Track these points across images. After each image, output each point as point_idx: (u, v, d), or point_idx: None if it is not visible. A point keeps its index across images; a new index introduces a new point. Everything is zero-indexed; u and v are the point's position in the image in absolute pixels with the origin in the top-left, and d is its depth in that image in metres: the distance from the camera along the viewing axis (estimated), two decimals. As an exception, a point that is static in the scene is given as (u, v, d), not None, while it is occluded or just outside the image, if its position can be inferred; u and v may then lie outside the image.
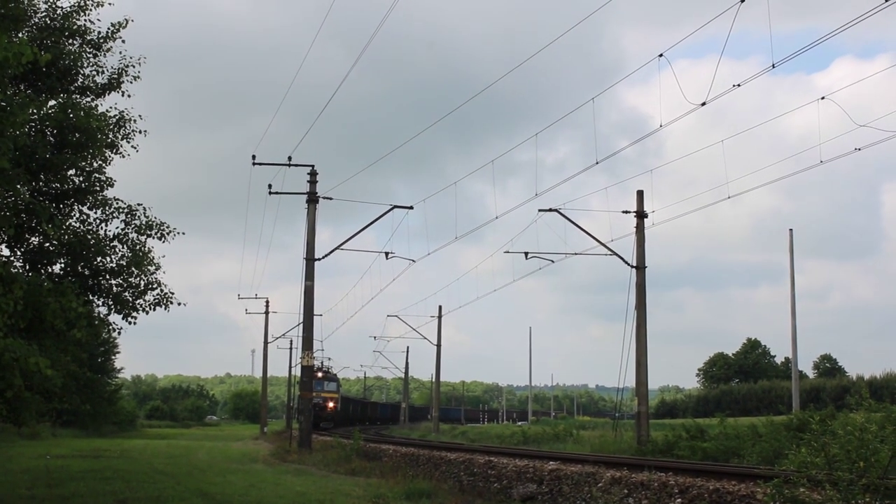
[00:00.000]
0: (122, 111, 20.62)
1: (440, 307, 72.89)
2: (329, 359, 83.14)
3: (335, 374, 75.11)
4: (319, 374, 66.46)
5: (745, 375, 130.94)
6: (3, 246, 18.87)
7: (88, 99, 20.41)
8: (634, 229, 33.32)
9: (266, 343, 77.37)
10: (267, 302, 75.55)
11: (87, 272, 19.92)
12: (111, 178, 20.67)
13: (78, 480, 20.04)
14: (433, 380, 79.99)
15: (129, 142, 20.83)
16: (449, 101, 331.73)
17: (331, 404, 69.78)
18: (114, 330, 21.29)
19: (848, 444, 11.16)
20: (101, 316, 20.58)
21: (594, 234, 33.94)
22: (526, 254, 35.28)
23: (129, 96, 20.98)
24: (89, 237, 19.78)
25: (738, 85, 19.87)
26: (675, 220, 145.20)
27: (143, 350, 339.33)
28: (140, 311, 20.52)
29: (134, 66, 20.78)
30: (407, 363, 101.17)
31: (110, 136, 20.09)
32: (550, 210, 33.20)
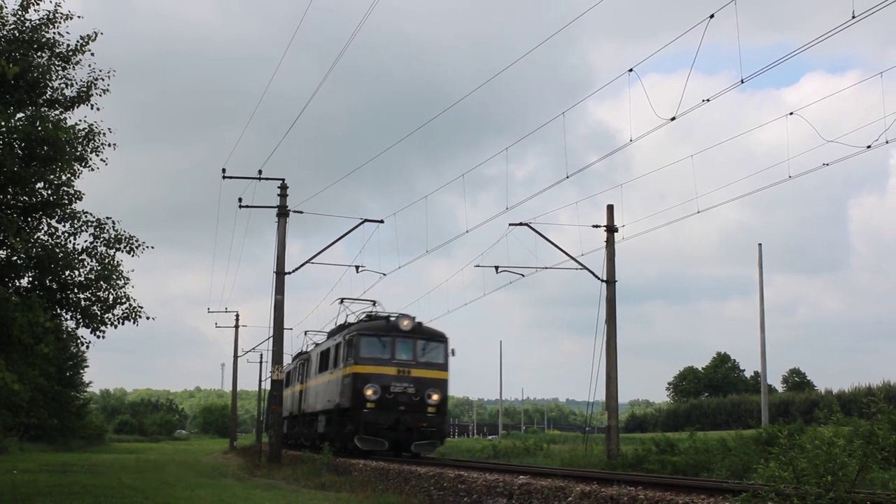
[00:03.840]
0: (92, 124, 20.51)
1: (411, 321, 72.20)
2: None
3: (442, 333, 32.90)
4: (406, 325, 31.65)
5: (714, 389, 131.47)
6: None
7: (57, 112, 20.30)
8: (605, 243, 33.38)
9: (236, 357, 77.04)
10: (237, 315, 75.25)
11: (54, 286, 19.80)
12: (80, 192, 20.57)
13: (45, 495, 19.84)
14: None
15: (98, 155, 20.72)
16: (419, 114, 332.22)
17: (434, 396, 31.28)
18: (82, 344, 21.15)
19: (816, 458, 11.21)
20: (69, 330, 20.45)
21: (565, 248, 33.79)
22: (496, 268, 35.18)
23: (98, 109, 20.87)
24: (57, 251, 19.66)
25: (708, 100, 19.99)
26: (645, 234, 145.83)
27: (112, 364, 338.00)
28: (108, 326, 20.40)
29: (103, 79, 20.69)
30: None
31: (79, 149, 19.98)
32: (521, 224, 33.23)
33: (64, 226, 20.29)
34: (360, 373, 30.60)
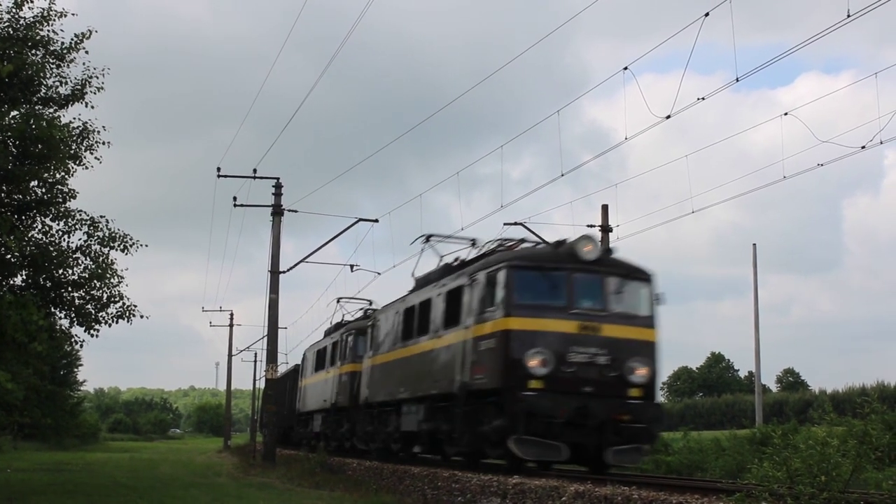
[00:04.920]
0: (86, 122, 20.49)
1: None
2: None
3: (642, 268, 19.80)
4: (588, 251, 19.02)
5: (708, 389, 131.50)
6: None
7: (51, 110, 20.28)
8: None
9: (230, 356, 77.01)
10: (231, 314, 75.19)
11: (48, 284, 19.78)
12: (74, 190, 20.55)
13: (39, 494, 19.83)
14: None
15: (92, 153, 20.70)
16: (414, 113, 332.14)
17: (640, 369, 18.57)
18: (76, 343, 21.13)
19: (810, 458, 11.23)
20: (63, 328, 20.43)
21: (559, 248, 33.29)
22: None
23: (92, 107, 20.84)
24: (51, 249, 19.64)
25: (703, 98, 19.95)
26: (640, 234, 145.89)
27: (106, 363, 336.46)
28: (102, 324, 20.38)
29: (97, 77, 20.66)
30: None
31: (73, 147, 19.96)
32: (516, 223, 33.18)
33: (58, 224, 20.28)
34: (518, 330, 18.41)
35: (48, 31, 19.97)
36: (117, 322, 20.64)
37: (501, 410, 18.32)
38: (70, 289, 20.02)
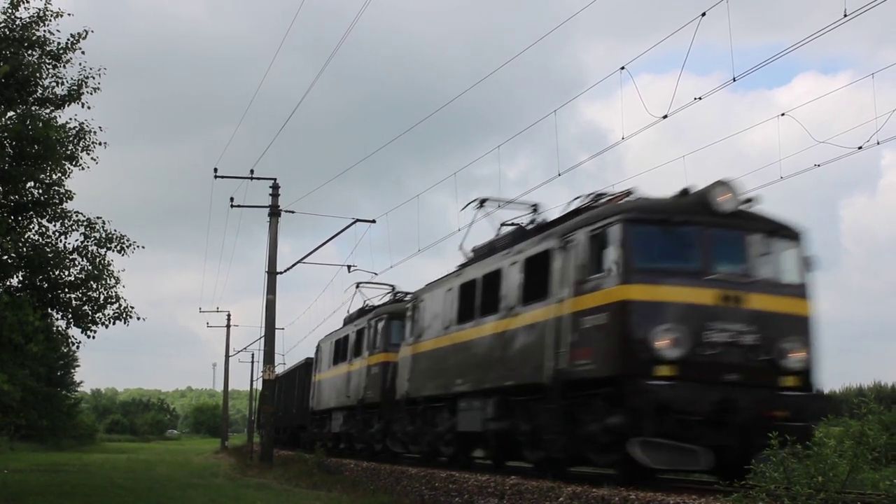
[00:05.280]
0: (82, 123, 20.44)
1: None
2: None
3: (788, 224, 15.61)
4: (726, 201, 14.85)
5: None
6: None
7: (48, 110, 20.23)
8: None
9: (227, 357, 76.99)
10: (228, 315, 75.17)
11: (45, 285, 19.74)
12: (70, 191, 20.50)
13: (36, 495, 19.81)
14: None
15: (88, 154, 20.64)
16: (411, 114, 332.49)
17: (796, 352, 14.44)
18: (72, 344, 21.09)
19: (806, 458, 11.25)
20: (60, 330, 20.39)
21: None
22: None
23: (88, 108, 20.78)
24: (48, 250, 19.61)
25: (700, 98, 19.91)
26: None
27: (103, 363, 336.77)
28: (99, 325, 20.34)
29: (94, 78, 20.60)
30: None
31: (70, 147, 19.92)
32: (512, 224, 33.18)
33: (54, 225, 20.24)
34: (640, 301, 14.55)
35: (44, 31, 19.92)
36: (114, 323, 20.59)
37: (619, 404, 14.31)
38: (67, 290, 19.98)
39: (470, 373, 19.94)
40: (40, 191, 19.95)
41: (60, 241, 20.23)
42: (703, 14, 17.83)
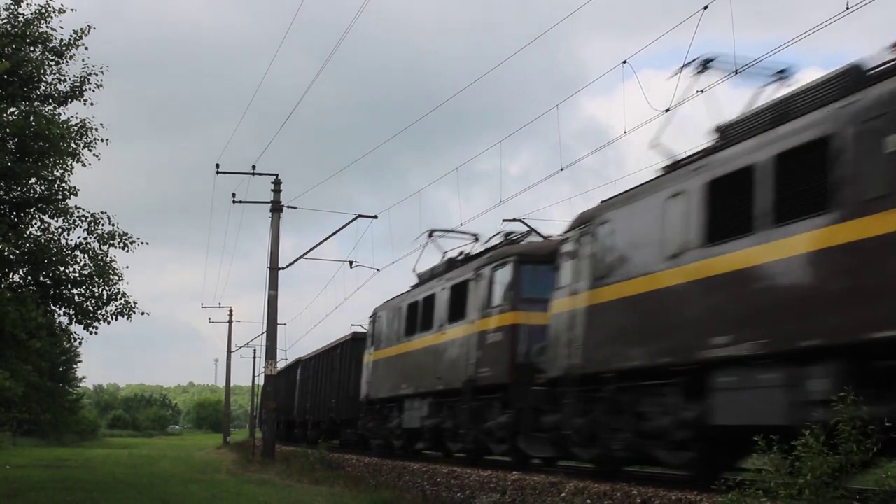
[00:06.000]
0: (85, 119, 20.42)
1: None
2: None
3: None
4: None
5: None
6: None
7: (50, 107, 20.23)
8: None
9: (229, 352, 76.96)
10: (230, 311, 75.21)
11: (48, 282, 19.75)
12: (74, 187, 20.49)
13: (38, 490, 19.84)
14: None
15: (90, 150, 20.64)
16: (413, 109, 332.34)
17: None
18: (75, 340, 21.11)
19: (805, 455, 11.26)
20: (62, 325, 20.40)
21: (559, 243, 33.19)
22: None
23: (91, 104, 20.77)
24: (51, 246, 19.61)
25: (702, 91, 19.93)
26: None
27: (105, 359, 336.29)
28: (102, 321, 20.34)
29: (97, 75, 20.60)
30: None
31: (72, 144, 19.91)
32: (515, 220, 33.19)
33: (57, 221, 20.23)
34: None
35: (46, 27, 19.92)
36: (117, 319, 20.61)
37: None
38: (70, 286, 19.98)
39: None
40: (43, 187, 19.95)
41: (63, 237, 20.24)
42: (706, 7, 17.83)
